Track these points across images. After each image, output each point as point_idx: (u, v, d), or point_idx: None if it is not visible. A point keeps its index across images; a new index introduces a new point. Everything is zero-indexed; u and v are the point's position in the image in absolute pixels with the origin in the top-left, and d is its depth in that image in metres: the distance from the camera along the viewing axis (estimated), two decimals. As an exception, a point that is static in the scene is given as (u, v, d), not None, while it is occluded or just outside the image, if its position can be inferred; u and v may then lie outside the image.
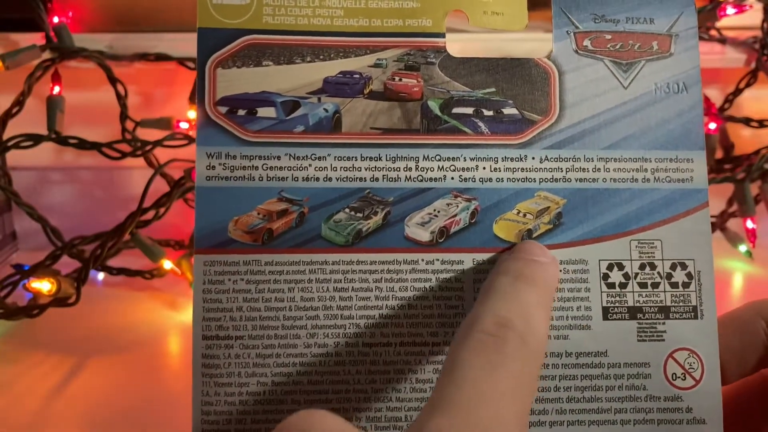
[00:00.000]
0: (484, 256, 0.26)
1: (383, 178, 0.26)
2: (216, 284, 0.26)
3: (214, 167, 0.26)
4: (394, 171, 0.27)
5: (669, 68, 0.28)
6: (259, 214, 0.26)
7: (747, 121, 0.59)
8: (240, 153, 0.26)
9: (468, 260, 0.26)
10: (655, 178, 0.27)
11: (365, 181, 0.26)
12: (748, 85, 0.60)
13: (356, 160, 0.26)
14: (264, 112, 0.26)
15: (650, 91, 0.27)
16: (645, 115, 0.27)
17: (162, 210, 0.46)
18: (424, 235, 0.26)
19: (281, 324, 0.26)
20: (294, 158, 0.26)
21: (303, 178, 0.26)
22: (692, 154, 0.27)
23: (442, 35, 0.27)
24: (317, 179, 0.26)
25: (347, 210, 0.26)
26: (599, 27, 0.28)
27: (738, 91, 0.60)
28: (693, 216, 0.27)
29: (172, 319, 0.44)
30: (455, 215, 0.26)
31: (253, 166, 0.26)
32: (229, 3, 0.26)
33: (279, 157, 0.26)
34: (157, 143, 0.47)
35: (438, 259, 0.26)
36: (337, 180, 0.26)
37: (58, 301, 0.41)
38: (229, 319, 0.25)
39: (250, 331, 0.25)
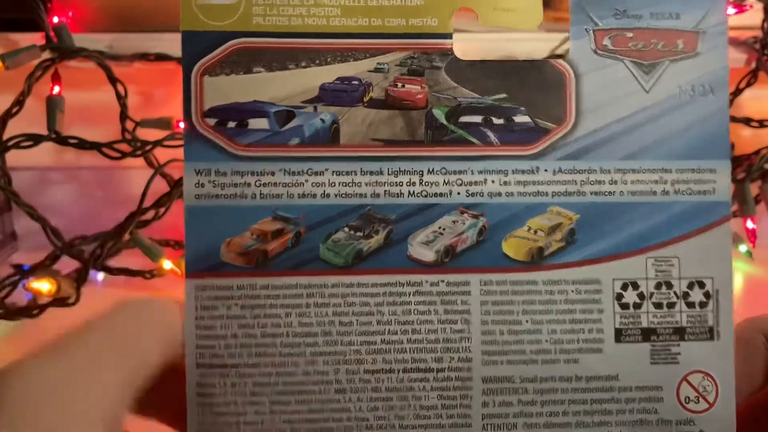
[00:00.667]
0: (493, 277, 0.25)
1: (385, 194, 0.25)
2: (209, 310, 0.24)
3: (203, 185, 0.24)
4: (397, 186, 0.25)
5: (694, 69, 0.25)
6: (252, 234, 0.24)
7: (747, 121, 0.59)
8: (231, 169, 0.24)
9: (475, 281, 0.25)
10: (675, 190, 0.25)
11: (366, 197, 0.25)
12: (748, 85, 0.59)
13: (356, 174, 0.25)
14: (256, 123, 0.24)
15: (674, 95, 0.25)
16: (667, 121, 0.25)
17: (162, 210, 0.46)
18: (428, 255, 0.25)
19: (278, 351, 0.24)
20: (289, 174, 0.24)
21: (299, 195, 0.24)
22: (715, 163, 0.25)
23: (449, 36, 0.25)
24: (314, 196, 0.25)
25: (347, 229, 0.25)
26: (621, 23, 0.25)
27: (738, 91, 0.59)
28: (713, 231, 0.25)
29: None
30: (462, 233, 0.25)
31: (245, 182, 0.24)
32: (215, 3, 0.24)
33: (273, 173, 0.24)
34: (157, 143, 0.47)
35: (443, 280, 0.25)
36: (336, 196, 0.25)
37: (58, 301, 0.40)
38: (223, 346, 0.24)
39: (246, 359, 0.24)
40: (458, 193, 0.25)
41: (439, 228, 0.25)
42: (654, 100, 0.25)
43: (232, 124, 0.24)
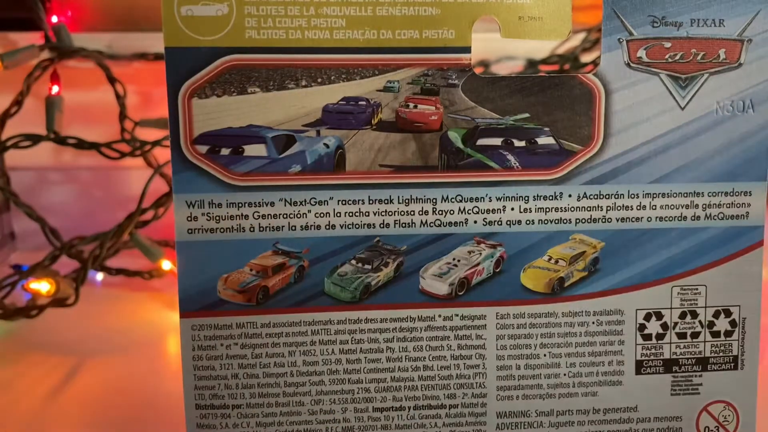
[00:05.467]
0: (510, 310, 0.23)
1: (395, 224, 0.23)
2: (207, 350, 0.23)
3: (196, 218, 0.22)
4: (408, 215, 0.23)
5: (735, 82, 0.23)
6: (251, 270, 0.22)
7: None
8: (226, 200, 0.22)
9: (491, 315, 0.23)
10: (706, 215, 0.24)
11: (374, 227, 0.23)
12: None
13: (363, 203, 0.22)
14: (252, 150, 0.22)
15: (711, 112, 0.23)
16: (702, 140, 0.23)
17: (161, 210, 0.45)
18: (441, 288, 0.23)
19: (282, 391, 0.23)
20: (290, 204, 0.22)
21: (301, 226, 0.22)
22: (751, 185, 0.24)
23: (468, 50, 0.22)
24: (318, 227, 0.22)
25: (354, 261, 0.23)
26: (658, 32, 0.22)
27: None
28: (744, 257, 0.24)
29: (171, 319, 0.42)
30: (477, 264, 0.23)
31: (242, 214, 0.22)
32: (202, 14, 0.21)
33: (272, 203, 0.22)
34: (156, 143, 0.45)
35: (457, 315, 0.23)
36: (342, 227, 0.23)
37: (57, 301, 0.40)
38: (224, 387, 0.23)
39: (248, 399, 0.23)
40: (474, 222, 0.23)
41: (454, 259, 0.23)
42: (689, 118, 0.23)
43: (225, 152, 0.22)
